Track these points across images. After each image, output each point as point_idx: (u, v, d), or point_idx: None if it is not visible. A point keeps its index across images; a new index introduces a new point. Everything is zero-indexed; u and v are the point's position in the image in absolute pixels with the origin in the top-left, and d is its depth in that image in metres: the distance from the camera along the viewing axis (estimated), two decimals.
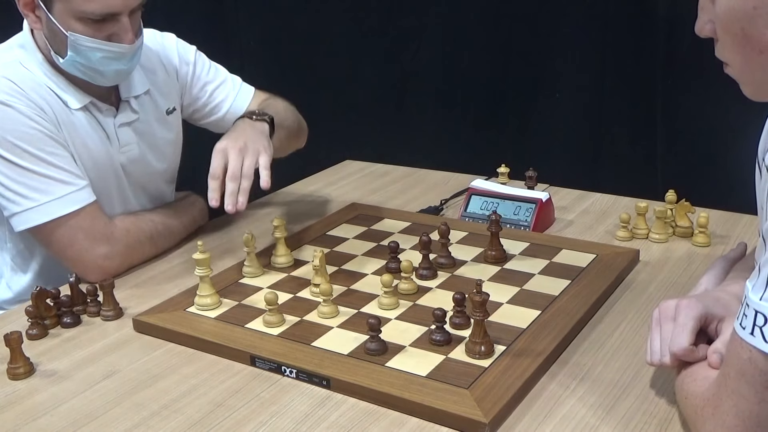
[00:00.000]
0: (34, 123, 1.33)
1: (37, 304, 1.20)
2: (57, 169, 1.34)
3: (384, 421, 0.95)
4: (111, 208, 1.47)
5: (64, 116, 1.38)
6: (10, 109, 1.32)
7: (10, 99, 1.33)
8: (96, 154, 1.43)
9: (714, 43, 0.82)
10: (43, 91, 1.37)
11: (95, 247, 1.36)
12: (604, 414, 0.94)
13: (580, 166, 2.40)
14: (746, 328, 0.74)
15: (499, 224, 1.32)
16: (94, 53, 1.33)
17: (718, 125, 2.10)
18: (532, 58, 2.46)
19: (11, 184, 1.32)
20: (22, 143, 1.32)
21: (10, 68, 1.37)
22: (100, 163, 1.44)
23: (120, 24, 1.33)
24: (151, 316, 1.21)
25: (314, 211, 1.67)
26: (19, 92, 1.34)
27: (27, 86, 1.35)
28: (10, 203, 1.33)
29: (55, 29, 1.32)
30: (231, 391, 1.03)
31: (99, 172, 1.44)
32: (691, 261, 1.34)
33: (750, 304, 0.74)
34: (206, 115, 1.64)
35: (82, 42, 1.32)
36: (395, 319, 1.15)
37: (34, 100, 1.35)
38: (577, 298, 1.18)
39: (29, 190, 1.32)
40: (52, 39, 1.35)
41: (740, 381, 0.75)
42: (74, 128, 1.40)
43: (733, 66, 0.81)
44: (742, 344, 0.74)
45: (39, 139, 1.33)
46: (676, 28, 2.19)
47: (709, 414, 0.80)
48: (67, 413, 1.00)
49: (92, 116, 1.43)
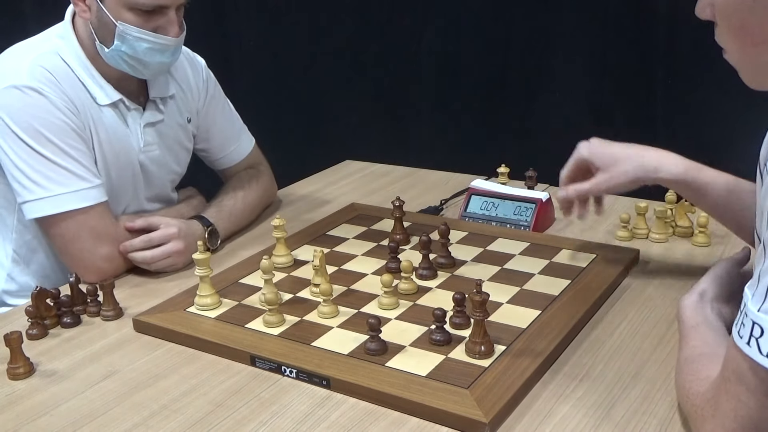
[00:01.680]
0: (63, 115, 1.35)
1: (37, 304, 1.20)
2: (76, 164, 1.36)
3: (384, 421, 0.95)
4: (123, 206, 1.49)
5: (93, 111, 1.41)
6: (41, 97, 1.34)
7: (43, 87, 1.34)
8: (119, 150, 1.45)
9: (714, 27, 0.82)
10: (75, 84, 1.39)
11: (98, 246, 1.36)
12: (604, 414, 0.94)
13: None
14: (743, 338, 0.74)
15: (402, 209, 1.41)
16: (140, 44, 1.35)
17: (718, 125, 2.11)
18: (532, 57, 2.46)
19: (29, 171, 1.33)
20: (48, 132, 1.34)
21: (47, 57, 1.38)
22: (122, 159, 1.46)
23: (167, 17, 1.36)
24: (151, 316, 1.21)
25: (314, 211, 1.67)
26: (53, 82, 1.36)
27: (61, 77, 1.37)
28: (24, 190, 1.34)
29: (104, 18, 1.35)
30: (231, 391, 1.03)
31: (119, 169, 1.46)
32: (691, 261, 1.34)
33: (748, 314, 0.73)
34: (205, 147, 1.67)
35: (130, 32, 1.34)
36: (395, 319, 1.15)
37: (66, 92, 1.37)
38: (577, 298, 1.18)
39: (45, 180, 1.33)
40: (100, 28, 1.37)
41: (740, 387, 0.75)
42: (101, 123, 1.42)
43: (730, 53, 0.81)
44: (743, 355, 0.74)
45: (64, 131, 1.35)
46: (676, 27, 2.19)
47: (709, 414, 0.80)
48: (67, 413, 1.00)
49: (119, 113, 1.45)
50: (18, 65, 1.36)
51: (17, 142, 1.33)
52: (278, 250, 1.36)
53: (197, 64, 1.62)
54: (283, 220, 1.36)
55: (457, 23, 2.55)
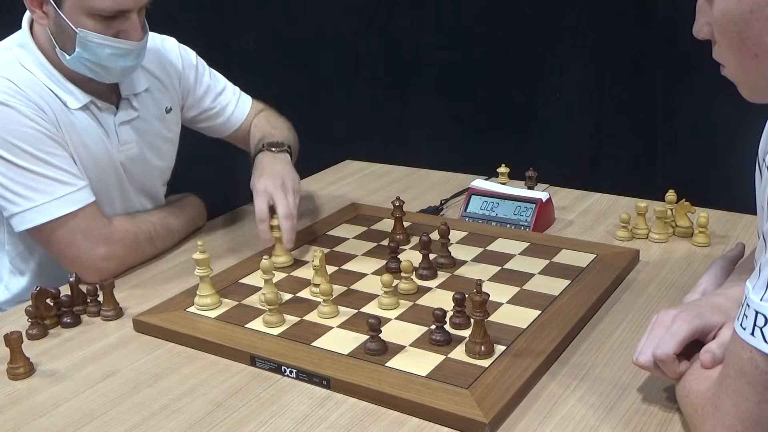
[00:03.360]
0: (34, 123, 1.33)
1: (37, 304, 1.20)
2: (56, 170, 1.34)
3: (384, 421, 0.95)
4: (112, 207, 1.47)
5: (64, 116, 1.38)
6: (9, 109, 1.32)
7: (9, 99, 1.32)
8: (96, 153, 1.43)
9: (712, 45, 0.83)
10: (42, 91, 1.37)
11: (94, 248, 1.36)
12: (604, 414, 0.94)
13: (580, 165, 2.40)
14: (747, 329, 0.74)
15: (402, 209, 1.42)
16: (102, 50, 1.33)
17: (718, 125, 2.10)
18: (532, 57, 2.46)
19: (10, 184, 1.32)
20: (22, 143, 1.32)
21: (9, 68, 1.36)
22: (101, 162, 1.44)
23: (129, 21, 1.34)
24: (151, 316, 1.21)
25: (314, 211, 1.67)
26: (19, 92, 1.34)
27: (26, 86, 1.35)
28: (9, 204, 1.33)
29: (63, 25, 1.32)
30: (231, 391, 1.03)
31: (99, 172, 1.44)
32: (691, 261, 1.34)
33: (750, 305, 0.74)
34: (208, 118, 1.66)
35: (91, 38, 1.32)
36: (395, 319, 1.15)
37: (34, 100, 1.35)
38: (577, 298, 1.18)
39: (28, 191, 1.32)
40: (59, 35, 1.35)
41: (741, 381, 0.75)
42: (74, 128, 1.39)
43: (730, 68, 0.82)
44: (743, 344, 0.74)
45: (38, 140, 1.33)
46: (676, 28, 2.19)
47: (709, 413, 0.80)
48: (67, 413, 1.00)
49: (92, 115, 1.43)
50: None
51: None
52: (278, 250, 1.36)
53: (170, 49, 1.58)
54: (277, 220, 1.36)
55: (457, 23, 2.55)
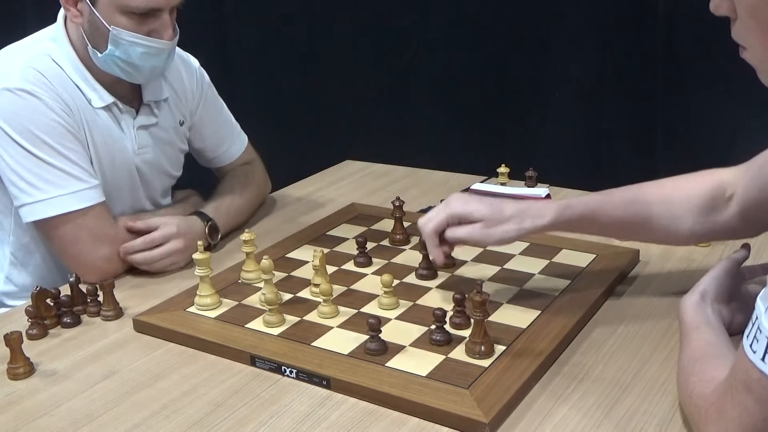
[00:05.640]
0: (57, 116, 1.35)
1: (37, 304, 1.20)
2: (72, 165, 1.35)
3: (384, 421, 0.95)
4: (121, 207, 1.49)
5: (87, 113, 1.40)
6: (35, 99, 1.33)
7: (36, 89, 1.34)
8: (113, 153, 1.44)
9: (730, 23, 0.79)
10: (69, 85, 1.38)
11: (98, 247, 1.36)
12: (604, 414, 0.94)
13: (580, 166, 2.40)
14: (757, 353, 0.73)
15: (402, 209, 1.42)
16: (134, 48, 1.35)
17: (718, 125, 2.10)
18: (532, 57, 2.46)
19: (25, 173, 1.33)
20: (43, 134, 1.33)
21: (39, 60, 1.38)
22: (117, 162, 1.46)
23: (161, 20, 1.35)
24: (151, 316, 1.21)
25: (314, 211, 1.67)
26: (46, 84, 1.35)
27: (54, 79, 1.37)
28: (21, 193, 1.34)
29: (97, 23, 1.34)
30: (231, 391, 1.03)
31: (115, 171, 1.45)
32: (691, 261, 1.34)
33: (763, 331, 0.72)
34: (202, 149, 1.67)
35: (124, 36, 1.33)
36: (395, 319, 1.15)
37: (60, 93, 1.36)
38: (577, 298, 1.18)
39: (42, 182, 1.33)
40: (92, 33, 1.36)
41: (748, 397, 0.74)
42: (96, 126, 1.41)
43: (752, 51, 0.78)
44: (753, 367, 0.73)
45: (59, 133, 1.34)
46: (676, 27, 2.19)
47: (713, 418, 0.79)
48: (67, 413, 1.00)
49: (113, 116, 1.45)
50: (9, 68, 1.35)
51: (12, 144, 1.32)
52: (247, 266, 1.30)
53: (191, 66, 1.62)
54: (252, 234, 1.29)
55: (457, 23, 2.55)
